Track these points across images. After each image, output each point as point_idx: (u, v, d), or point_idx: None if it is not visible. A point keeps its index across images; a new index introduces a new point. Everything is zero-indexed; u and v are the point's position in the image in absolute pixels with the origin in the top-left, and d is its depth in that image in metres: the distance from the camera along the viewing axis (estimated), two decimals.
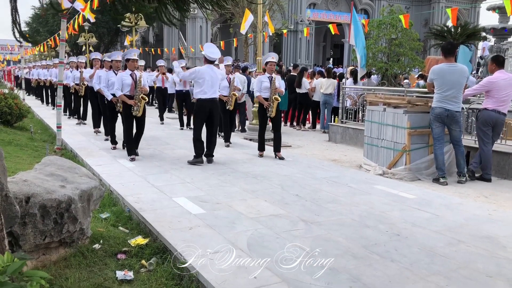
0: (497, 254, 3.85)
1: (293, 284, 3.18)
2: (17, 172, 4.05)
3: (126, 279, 3.38)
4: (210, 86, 7.31)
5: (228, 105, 9.34)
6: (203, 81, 7.26)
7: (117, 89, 7.47)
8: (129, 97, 7.45)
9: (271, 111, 7.83)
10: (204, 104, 7.32)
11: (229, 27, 28.70)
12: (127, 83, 7.45)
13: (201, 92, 7.31)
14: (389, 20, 14.19)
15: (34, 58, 35.79)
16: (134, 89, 7.45)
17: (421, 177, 6.67)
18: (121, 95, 7.44)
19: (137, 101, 7.38)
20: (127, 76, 7.49)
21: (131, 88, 7.45)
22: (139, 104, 7.39)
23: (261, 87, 7.95)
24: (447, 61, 6.54)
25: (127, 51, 7.75)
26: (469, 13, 41.10)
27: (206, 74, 7.29)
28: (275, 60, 8.05)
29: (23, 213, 3.28)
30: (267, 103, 7.83)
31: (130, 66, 7.51)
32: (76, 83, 12.29)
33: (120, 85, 7.44)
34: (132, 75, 7.52)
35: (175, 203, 5.09)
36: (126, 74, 7.51)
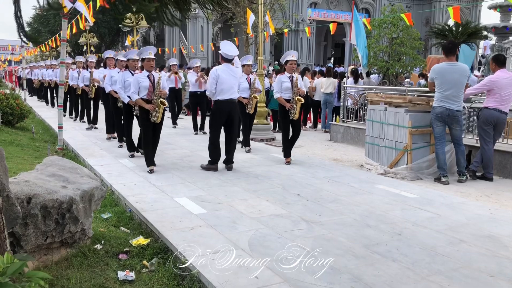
0: (499, 254, 3.84)
1: (294, 284, 3.17)
2: (19, 172, 4.06)
3: (127, 279, 3.38)
4: (228, 86, 6.83)
5: (248, 108, 8.57)
6: (220, 82, 6.79)
7: (133, 93, 6.67)
8: (146, 101, 6.65)
9: (294, 113, 7.31)
10: (222, 106, 6.83)
11: (230, 26, 28.66)
12: (144, 86, 6.65)
13: (219, 93, 6.82)
14: (390, 19, 14.17)
15: (35, 58, 35.82)
16: (152, 93, 6.65)
17: (423, 177, 6.66)
18: (138, 99, 6.64)
19: (156, 106, 6.57)
20: (144, 77, 6.70)
21: (148, 92, 6.65)
22: (157, 109, 6.57)
23: (281, 88, 7.43)
24: (448, 60, 6.53)
25: (142, 49, 6.96)
26: (470, 12, 41.04)
27: (224, 73, 6.83)
28: (295, 59, 7.53)
29: (25, 214, 3.28)
30: (290, 105, 7.31)
31: (147, 66, 6.77)
32: (85, 84, 11.51)
33: (137, 87, 6.66)
34: (150, 76, 6.72)
35: (176, 203, 5.09)
36: (143, 75, 6.72)
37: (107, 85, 8.92)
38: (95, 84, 11.03)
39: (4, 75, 42.67)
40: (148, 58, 6.74)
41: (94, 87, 11.09)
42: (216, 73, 6.79)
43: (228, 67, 6.89)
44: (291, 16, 34.60)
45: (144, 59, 6.77)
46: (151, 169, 6.61)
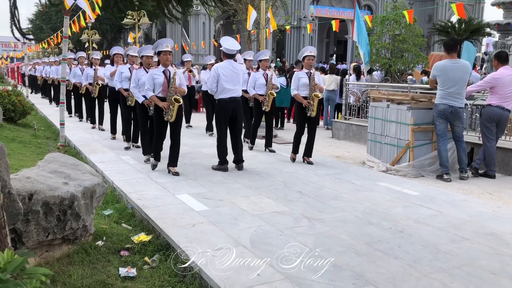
0: (501, 251, 3.83)
1: (296, 281, 3.17)
2: (20, 169, 4.06)
3: (129, 276, 3.38)
4: (231, 84, 6.59)
5: (264, 105, 8.16)
6: (222, 80, 6.54)
7: (148, 89, 6.23)
8: (161, 99, 6.23)
9: (311, 110, 7.05)
10: (226, 105, 6.60)
11: (232, 23, 28.67)
12: (159, 82, 6.19)
13: (221, 92, 6.59)
14: (392, 16, 14.14)
15: (37, 55, 35.84)
16: (167, 89, 6.21)
17: (425, 174, 6.64)
18: (152, 96, 6.22)
19: (170, 104, 6.13)
20: (159, 73, 6.22)
21: (163, 88, 6.20)
22: (172, 107, 6.12)
23: (298, 84, 7.15)
24: (449, 57, 6.50)
25: (158, 42, 6.34)
26: (473, 8, 40.89)
27: (225, 71, 6.56)
28: (313, 54, 7.27)
29: (26, 210, 3.28)
30: (307, 102, 7.04)
31: (163, 60, 6.23)
32: (89, 82, 10.89)
33: (151, 84, 6.21)
34: (165, 72, 6.24)
35: (178, 200, 5.09)
36: (158, 71, 6.23)
37: (116, 82, 8.30)
38: (99, 82, 10.55)
39: (6, 71, 42.69)
40: (165, 52, 6.20)
41: (98, 86, 10.61)
42: (216, 72, 6.57)
43: (230, 64, 6.65)
44: (293, 13, 34.56)
45: (160, 52, 6.24)
46: (175, 172, 6.24)
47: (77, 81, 11.72)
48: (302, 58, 7.29)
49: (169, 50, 6.23)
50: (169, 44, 6.25)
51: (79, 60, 11.98)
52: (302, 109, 7.15)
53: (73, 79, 11.87)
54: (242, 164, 6.74)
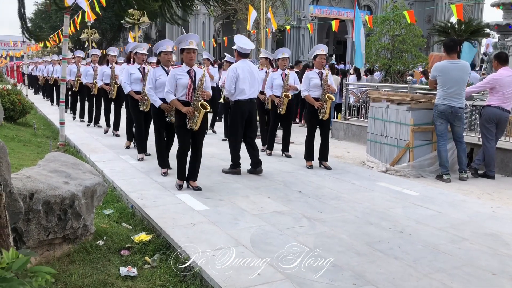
0: (501, 252, 3.84)
1: (296, 281, 3.18)
2: (21, 168, 4.07)
3: (129, 275, 3.39)
4: (249, 85, 6.25)
5: (279, 108, 7.66)
6: (240, 81, 6.19)
7: (169, 92, 5.37)
8: (184, 103, 5.34)
9: (324, 113, 6.76)
10: (243, 106, 6.24)
11: (232, 23, 28.68)
12: (182, 84, 5.32)
13: (239, 93, 6.23)
14: (392, 16, 14.14)
15: (37, 54, 35.78)
16: (192, 93, 5.35)
17: (424, 174, 6.65)
18: (174, 100, 5.36)
19: (195, 110, 5.29)
20: (183, 73, 5.34)
21: (187, 91, 5.33)
22: (197, 114, 5.27)
23: (309, 85, 6.84)
24: (449, 58, 6.52)
25: (181, 38, 5.45)
26: (472, 9, 40.93)
27: (243, 72, 6.22)
28: (325, 53, 6.90)
29: (27, 209, 3.29)
30: (319, 103, 6.73)
31: (186, 59, 5.37)
32: (105, 82, 9.77)
33: (173, 85, 5.35)
34: (190, 72, 5.35)
35: (178, 199, 5.09)
36: (182, 71, 5.36)
37: (125, 84, 7.38)
38: (118, 81, 9.29)
39: (6, 70, 42.65)
40: (188, 49, 5.33)
41: (116, 85, 9.40)
42: (235, 72, 6.20)
43: (246, 64, 6.31)
44: (293, 13, 34.58)
45: (183, 50, 5.36)
46: (196, 187, 5.51)
47: (89, 81, 10.74)
48: (313, 57, 6.95)
49: (194, 47, 5.32)
50: (193, 41, 5.35)
51: (93, 58, 10.96)
52: (314, 112, 6.83)
53: (85, 79, 10.87)
54: (261, 167, 6.43)
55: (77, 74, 11.89)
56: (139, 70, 7.40)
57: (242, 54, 6.31)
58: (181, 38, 5.42)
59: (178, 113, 5.41)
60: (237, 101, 6.28)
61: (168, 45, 6.33)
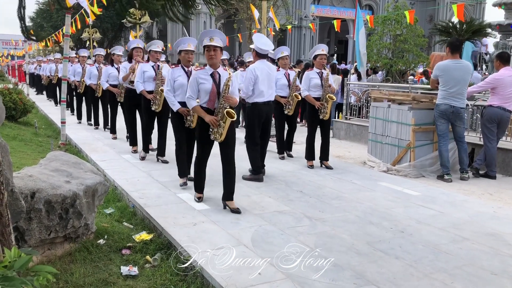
0: (502, 252, 3.84)
1: (297, 280, 3.18)
2: (22, 167, 4.07)
3: (130, 274, 3.40)
4: (267, 86, 6.02)
5: (287, 109, 7.45)
6: (258, 82, 5.93)
7: (190, 98, 4.72)
8: (208, 111, 4.69)
9: (324, 113, 6.72)
10: (261, 109, 6.02)
11: (233, 22, 28.68)
12: (205, 89, 4.64)
13: (258, 95, 5.98)
14: (394, 16, 14.13)
15: (38, 53, 35.81)
16: (215, 99, 4.65)
17: (426, 174, 6.65)
18: (196, 107, 4.71)
19: (220, 119, 4.59)
20: (206, 76, 4.66)
21: (211, 97, 4.64)
22: (222, 123, 4.57)
23: (309, 85, 6.78)
24: (452, 58, 6.51)
25: (202, 34, 4.72)
26: (474, 9, 40.89)
27: (262, 73, 5.96)
28: (325, 53, 6.85)
29: (29, 208, 3.29)
30: (319, 104, 6.70)
31: (210, 59, 4.65)
32: (111, 83, 9.01)
33: (195, 91, 4.71)
34: (214, 75, 4.66)
35: (179, 199, 5.10)
36: (205, 73, 4.66)
37: (138, 83, 6.88)
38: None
39: (7, 69, 42.69)
40: (208, 47, 4.59)
41: None
42: (254, 73, 5.94)
43: (265, 64, 6.06)
44: (294, 13, 34.57)
45: (205, 47, 4.63)
46: (199, 197, 5.01)
47: (93, 82, 10.06)
48: (313, 57, 6.89)
49: (216, 44, 4.57)
50: (215, 37, 4.58)
51: (97, 58, 10.34)
52: (315, 112, 6.81)
53: (89, 80, 10.16)
54: (264, 170, 6.28)
55: (82, 75, 11.18)
56: (152, 68, 6.96)
57: (260, 54, 6.02)
58: (201, 34, 4.70)
59: (201, 123, 4.76)
60: (255, 103, 6.05)
61: (189, 43, 5.69)
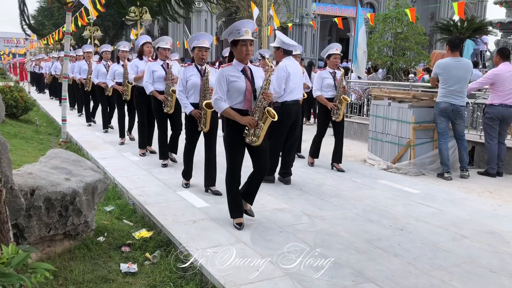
0: (501, 250, 3.84)
1: (296, 278, 3.19)
2: (23, 164, 4.08)
3: (130, 271, 3.40)
4: (297, 85, 5.78)
5: (334, 115, 6.84)
6: (290, 80, 5.66)
7: (219, 99, 4.01)
8: (241, 112, 4.02)
9: (338, 114, 6.52)
10: (291, 108, 5.71)
11: (234, 20, 28.62)
12: (238, 88, 3.98)
13: (288, 94, 5.66)
14: (394, 14, 14.11)
15: (39, 51, 35.82)
16: (251, 99, 4.03)
17: (426, 172, 6.65)
18: (228, 109, 4.00)
19: (258, 119, 3.98)
20: (237, 73, 4.00)
21: (246, 97, 4.00)
22: (261, 124, 3.97)
23: (321, 85, 6.54)
24: (452, 56, 6.50)
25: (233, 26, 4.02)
26: (475, 7, 40.78)
27: (292, 69, 5.71)
28: (339, 52, 6.57)
29: (28, 206, 3.30)
30: (332, 105, 6.46)
31: (240, 54, 4.00)
32: (117, 81, 8.40)
33: (225, 91, 4.01)
34: (246, 71, 4.03)
35: (179, 196, 5.11)
36: (235, 70, 4.02)
37: (147, 84, 6.45)
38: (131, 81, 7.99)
39: (8, 67, 42.72)
40: (244, 41, 3.95)
41: (130, 85, 8.06)
42: (286, 71, 5.65)
43: (293, 62, 5.81)
44: (295, 10, 34.52)
45: (238, 41, 3.96)
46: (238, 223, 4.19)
47: (101, 80, 9.20)
48: (327, 56, 6.63)
49: (250, 38, 3.98)
50: (249, 29, 3.99)
51: (104, 55, 9.52)
52: (327, 112, 6.58)
53: (96, 78, 9.36)
54: (290, 178, 5.87)
55: (88, 72, 10.64)
56: (162, 67, 6.51)
57: (286, 51, 5.71)
58: (231, 27, 4.04)
59: (231, 126, 4.06)
60: (284, 102, 5.74)
61: (204, 40, 5.21)
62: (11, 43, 55.24)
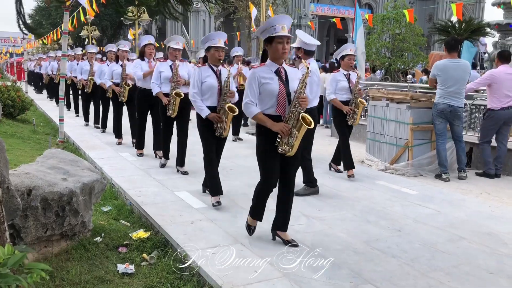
0: (499, 251, 3.84)
1: (294, 279, 3.18)
2: (19, 164, 4.06)
3: (127, 272, 3.39)
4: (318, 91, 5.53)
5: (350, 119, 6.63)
6: None
7: (250, 103, 3.67)
8: (273, 118, 3.65)
9: (354, 119, 6.23)
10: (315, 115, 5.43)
11: (232, 21, 28.68)
12: (271, 90, 3.61)
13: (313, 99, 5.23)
14: (393, 15, 14.14)
15: (37, 50, 35.74)
16: (285, 103, 3.64)
17: (423, 173, 6.65)
18: (259, 115, 3.65)
19: (292, 126, 3.60)
20: (270, 74, 3.65)
21: (279, 102, 3.62)
22: (295, 132, 3.58)
23: (336, 88, 6.19)
24: (450, 57, 6.51)
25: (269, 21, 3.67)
26: (473, 8, 40.91)
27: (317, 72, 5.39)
28: (353, 53, 6.32)
29: (25, 206, 3.28)
30: (348, 108, 6.14)
31: (275, 52, 3.63)
32: (114, 82, 8.32)
33: (256, 94, 3.66)
34: (280, 72, 3.67)
35: (176, 197, 5.09)
36: (267, 71, 3.66)
37: (153, 85, 6.23)
38: (129, 82, 7.95)
39: (6, 67, 42.63)
40: (280, 37, 3.60)
41: (128, 87, 7.92)
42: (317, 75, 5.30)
43: (314, 64, 5.41)
44: (293, 11, 34.56)
45: (274, 38, 3.60)
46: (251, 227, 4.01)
47: (103, 81, 8.84)
48: (340, 57, 6.26)
49: (288, 34, 3.62)
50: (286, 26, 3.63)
51: (109, 56, 9.16)
52: (343, 116, 6.22)
53: (99, 79, 9.02)
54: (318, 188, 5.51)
55: (90, 73, 10.27)
56: (170, 67, 6.23)
57: (308, 51, 5.21)
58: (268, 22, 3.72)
59: (263, 133, 3.73)
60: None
61: (220, 39, 4.89)
62: (8, 42, 55.14)
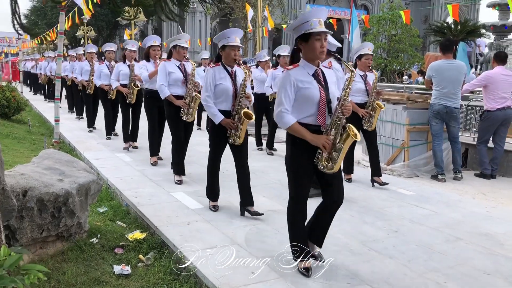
0: (495, 252, 3.85)
1: (291, 280, 3.17)
2: (15, 165, 4.04)
3: (123, 273, 3.37)
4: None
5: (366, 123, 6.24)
6: None
7: (285, 112, 3.13)
8: (310, 128, 3.14)
9: (370, 123, 5.70)
10: None
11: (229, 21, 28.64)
12: (311, 96, 3.10)
13: None
14: (389, 16, 14.18)
15: (32, 50, 35.60)
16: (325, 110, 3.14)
17: (420, 174, 6.66)
18: (296, 125, 3.14)
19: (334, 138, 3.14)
20: (307, 78, 3.13)
21: (320, 109, 3.13)
22: (340, 145, 3.13)
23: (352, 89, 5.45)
24: (445, 58, 6.53)
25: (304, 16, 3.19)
26: (469, 10, 41.08)
27: None
28: (371, 52, 5.82)
29: (20, 207, 3.26)
30: (364, 111, 5.66)
31: (313, 51, 3.12)
32: (122, 83, 7.74)
33: (291, 101, 3.13)
34: (318, 75, 3.18)
35: (173, 197, 5.08)
36: (304, 74, 3.15)
37: (162, 87, 5.70)
38: (137, 83, 7.51)
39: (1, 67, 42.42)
40: (318, 34, 3.11)
41: (137, 88, 7.53)
42: None
43: None
44: (289, 12, 34.61)
45: (308, 36, 3.12)
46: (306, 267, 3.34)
47: (104, 82, 8.47)
48: (357, 56, 5.78)
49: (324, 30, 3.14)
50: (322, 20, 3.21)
51: (107, 56, 8.79)
52: (358, 119, 5.61)
53: (99, 80, 8.61)
54: None
55: (90, 73, 9.90)
56: (179, 68, 5.80)
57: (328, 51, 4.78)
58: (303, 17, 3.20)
59: (298, 146, 3.19)
60: None
61: (236, 37, 4.43)
62: (3, 42, 54.91)
